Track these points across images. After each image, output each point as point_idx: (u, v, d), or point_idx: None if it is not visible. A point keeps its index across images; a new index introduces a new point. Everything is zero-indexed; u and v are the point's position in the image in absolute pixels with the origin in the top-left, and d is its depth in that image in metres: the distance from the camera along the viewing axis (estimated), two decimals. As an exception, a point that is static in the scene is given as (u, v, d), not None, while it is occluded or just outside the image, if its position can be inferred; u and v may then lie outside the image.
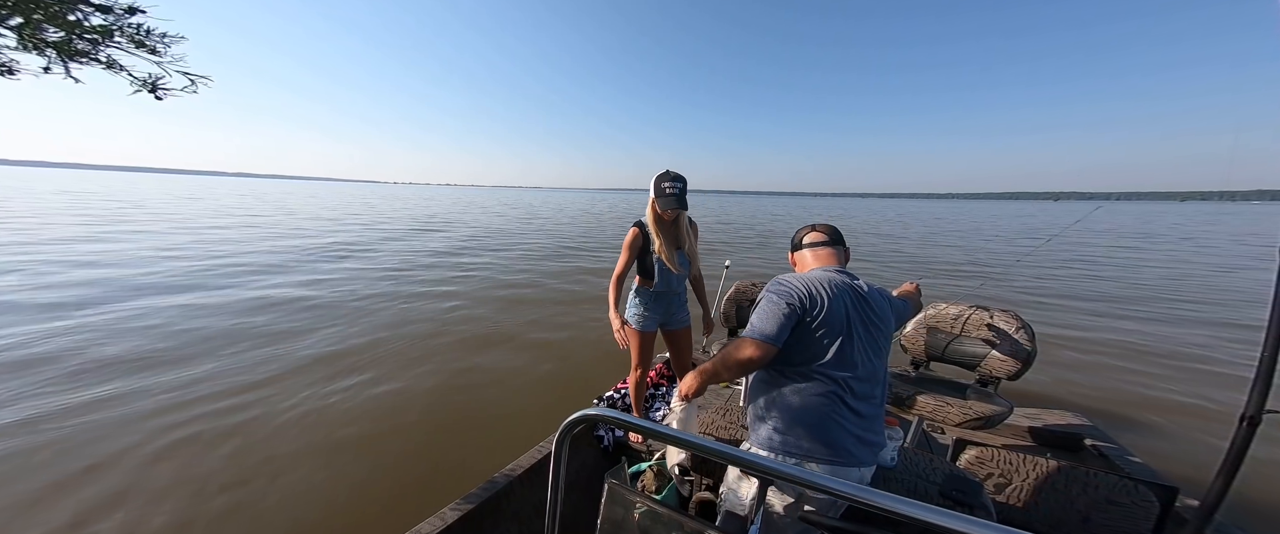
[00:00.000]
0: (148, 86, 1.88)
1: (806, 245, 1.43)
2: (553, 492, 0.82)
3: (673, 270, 2.13)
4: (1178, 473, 2.54)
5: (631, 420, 0.77)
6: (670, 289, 2.23)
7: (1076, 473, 1.48)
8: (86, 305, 5.69)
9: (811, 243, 1.42)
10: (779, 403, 1.18)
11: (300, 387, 3.77)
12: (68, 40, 1.77)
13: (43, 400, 3.39)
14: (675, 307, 2.30)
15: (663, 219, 2.09)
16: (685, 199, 2.03)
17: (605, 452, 2.42)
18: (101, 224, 14.11)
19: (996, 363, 2.23)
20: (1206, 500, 1.16)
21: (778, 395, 1.19)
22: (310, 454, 2.89)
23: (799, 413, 1.14)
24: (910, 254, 13.63)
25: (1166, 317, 6.60)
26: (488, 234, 16.07)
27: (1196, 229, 26.24)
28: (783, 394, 1.18)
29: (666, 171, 2.03)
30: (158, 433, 3.05)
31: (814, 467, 1.12)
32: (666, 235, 2.11)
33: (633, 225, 2.14)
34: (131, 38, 1.77)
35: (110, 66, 1.87)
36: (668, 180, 2.01)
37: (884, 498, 0.59)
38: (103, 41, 1.77)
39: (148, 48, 1.79)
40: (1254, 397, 1.10)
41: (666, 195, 2.00)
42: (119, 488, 2.55)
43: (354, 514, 2.43)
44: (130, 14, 1.75)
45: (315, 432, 3.15)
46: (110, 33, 1.78)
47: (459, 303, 6.66)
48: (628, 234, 2.12)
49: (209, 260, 8.98)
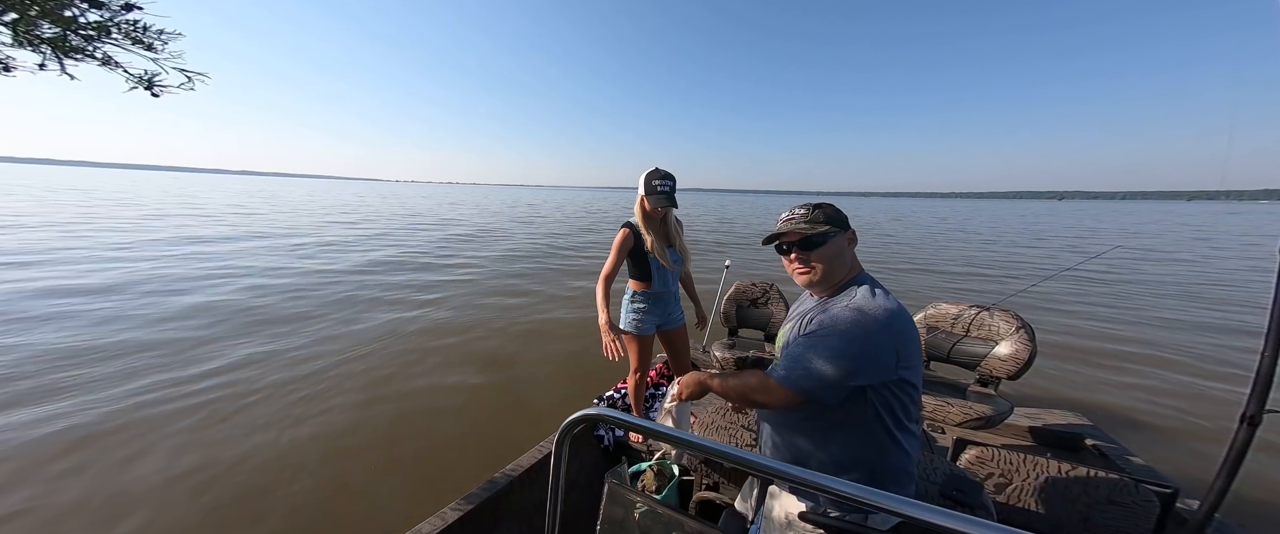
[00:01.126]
0: (144, 83, 1.86)
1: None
2: (553, 491, 0.81)
3: (667, 267, 2.13)
4: (1178, 473, 2.53)
5: (632, 420, 0.76)
6: (666, 289, 2.22)
7: (1077, 473, 1.47)
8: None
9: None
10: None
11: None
12: (62, 36, 1.75)
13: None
14: (671, 306, 2.30)
15: (652, 217, 2.09)
16: (674, 196, 2.04)
17: (605, 451, 2.41)
18: (220, 221, 15.27)
19: (996, 362, 2.21)
20: (1207, 500, 1.15)
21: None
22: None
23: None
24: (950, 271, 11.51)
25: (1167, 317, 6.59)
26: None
27: (1208, 229, 26.19)
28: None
29: (656, 169, 2.02)
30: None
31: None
32: (657, 233, 2.10)
33: (622, 226, 2.12)
34: (128, 34, 1.75)
35: (106, 63, 1.85)
36: (659, 178, 2.00)
37: (884, 498, 0.57)
38: (98, 38, 1.75)
39: (144, 44, 1.77)
40: (1254, 397, 1.09)
41: (658, 193, 1.99)
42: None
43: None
44: (126, 10, 1.73)
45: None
46: (106, 29, 1.76)
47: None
48: (618, 235, 2.08)
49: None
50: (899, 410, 0.98)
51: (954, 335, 2.40)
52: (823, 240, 1.06)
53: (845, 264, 1.09)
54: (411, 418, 3.34)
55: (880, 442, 1.00)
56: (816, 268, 1.07)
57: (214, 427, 3.11)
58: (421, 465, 2.81)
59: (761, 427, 1.24)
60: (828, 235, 1.06)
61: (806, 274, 1.09)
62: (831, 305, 1.03)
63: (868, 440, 1.00)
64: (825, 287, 1.09)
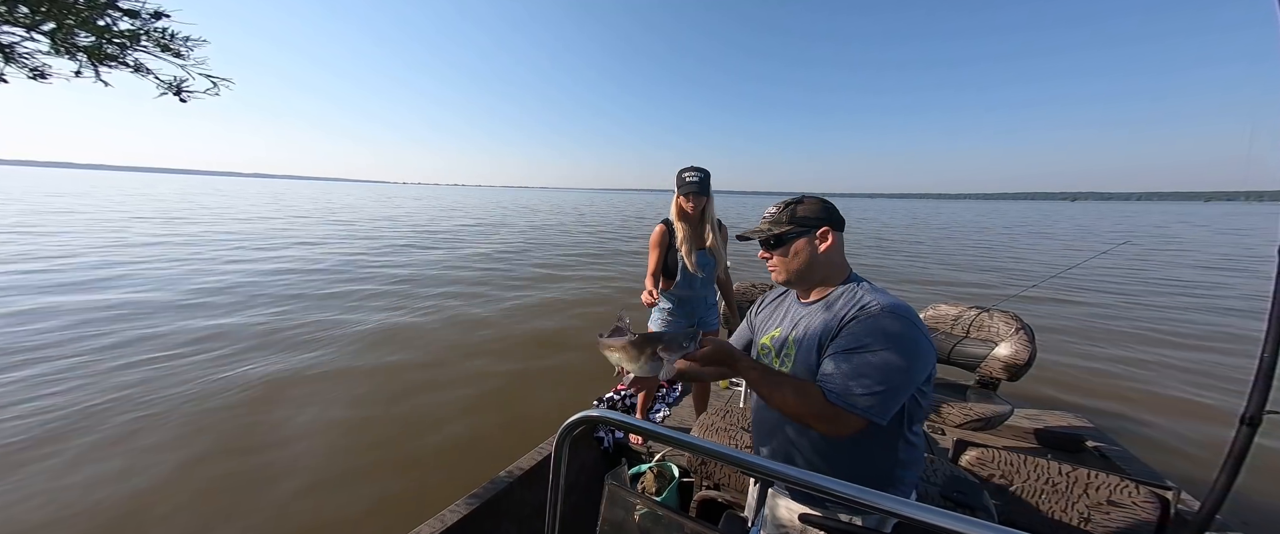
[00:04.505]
0: (173, 89, 1.88)
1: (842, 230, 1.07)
2: (553, 493, 0.79)
3: (691, 268, 2.06)
4: (1179, 474, 2.47)
5: (632, 422, 0.74)
6: (693, 292, 2.16)
7: (1077, 474, 1.45)
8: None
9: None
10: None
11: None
12: (98, 45, 1.77)
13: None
14: (701, 310, 2.22)
15: (688, 215, 2.04)
16: (707, 186, 2.00)
17: (605, 453, 2.37)
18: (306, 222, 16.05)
19: (996, 364, 2.17)
20: (1207, 501, 1.11)
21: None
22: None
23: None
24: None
25: (1168, 317, 6.44)
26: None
27: (1219, 228, 25.47)
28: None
29: (689, 165, 2.02)
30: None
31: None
32: (689, 232, 2.06)
33: (659, 223, 2.12)
34: (157, 41, 1.76)
35: (138, 70, 1.86)
36: (689, 170, 2.00)
37: (884, 499, 0.56)
38: (130, 46, 1.77)
39: (172, 51, 1.78)
40: (1254, 398, 1.06)
41: (687, 182, 1.98)
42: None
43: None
44: (156, 18, 1.74)
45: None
46: (137, 37, 1.77)
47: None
48: (654, 232, 2.11)
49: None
50: (916, 413, 0.95)
51: (954, 337, 2.36)
52: (783, 240, 1.03)
53: (821, 263, 1.03)
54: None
55: (895, 448, 0.96)
56: (779, 265, 1.05)
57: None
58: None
59: (757, 429, 1.16)
60: (787, 235, 1.03)
61: (774, 272, 1.08)
62: (844, 312, 0.96)
63: (886, 449, 0.96)
64: (800, 285, 1.07)
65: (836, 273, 1.05)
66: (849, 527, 0.96)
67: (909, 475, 1.01)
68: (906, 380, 0.87)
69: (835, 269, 1.05)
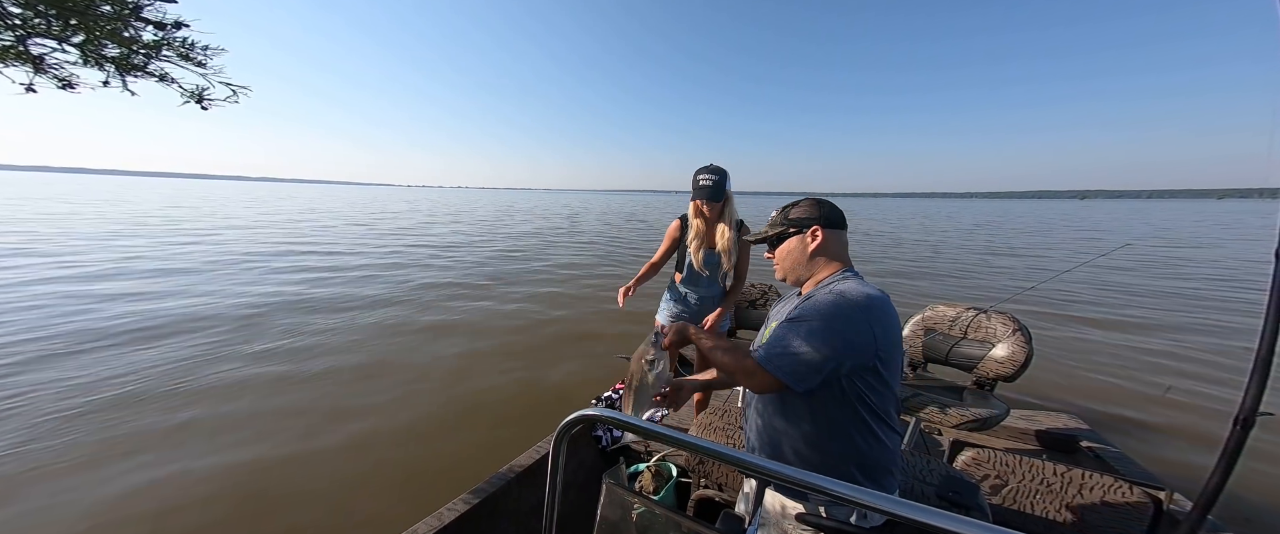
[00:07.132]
0: (195, 97, 1.90)
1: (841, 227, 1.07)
2: (550, 492, 0.78)
3: (696, 267, 2.05)
4: (1172, 475, 2.43)
5: (630, 420, 0.73)
6: (696, 290, 2.15)
7: (1072, 475, 1.43)
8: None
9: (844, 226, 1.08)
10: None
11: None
12: (125, 55, 1.79)
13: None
14: (708, 309, 2.18)
15: (703, 214, 2.01)
16: (720, 191, 1.93)
17: (603, 452, 2.34)
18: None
19: (993, 365, 2.14)
20: (1200, 502, 1.09)
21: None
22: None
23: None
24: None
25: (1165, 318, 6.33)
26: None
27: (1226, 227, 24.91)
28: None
29: (706, 165, 1.97)
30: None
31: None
32: (702, 231, 2.04)
33: (677, 218, 2.15)
34: (178, 51, 1.79)
35: (162, 79, 1.89)
36: (703, 173, 1.94)
37: (881, 499, 0.55)
38: (154, 56, 1.79)
39: (193, 60, 1.81)
40: (1247, 398, 1.03)
41: (700, 186, 1.94)
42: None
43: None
44: (177, 29, 1.77)
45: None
46: (160, 47, 1.80)
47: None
48: (671, 225, 2.15)
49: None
50: (875, 401, 0.94)
51: (951, 338, 2.33)
52: (779, 239, 1.10)
53: (816, 261, 1.06)
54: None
55: (860, 434, 0.95)
56: (779, 264, 1.11)
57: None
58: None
59: (747, 414, 1.18)
60: (783, 235, 1.09)
61: (776, 270, 1.13)
62: (813, 295, 1.01)
63: (846, 432, 0.96)
64: (794, 279, 1.11)
65: (830, 267, 1.06)
66: (844, 526, 0.95)
67: (876, 473, 0.99)
68: (829, 354, 0.88)
69: (828, 264, 1.06)
